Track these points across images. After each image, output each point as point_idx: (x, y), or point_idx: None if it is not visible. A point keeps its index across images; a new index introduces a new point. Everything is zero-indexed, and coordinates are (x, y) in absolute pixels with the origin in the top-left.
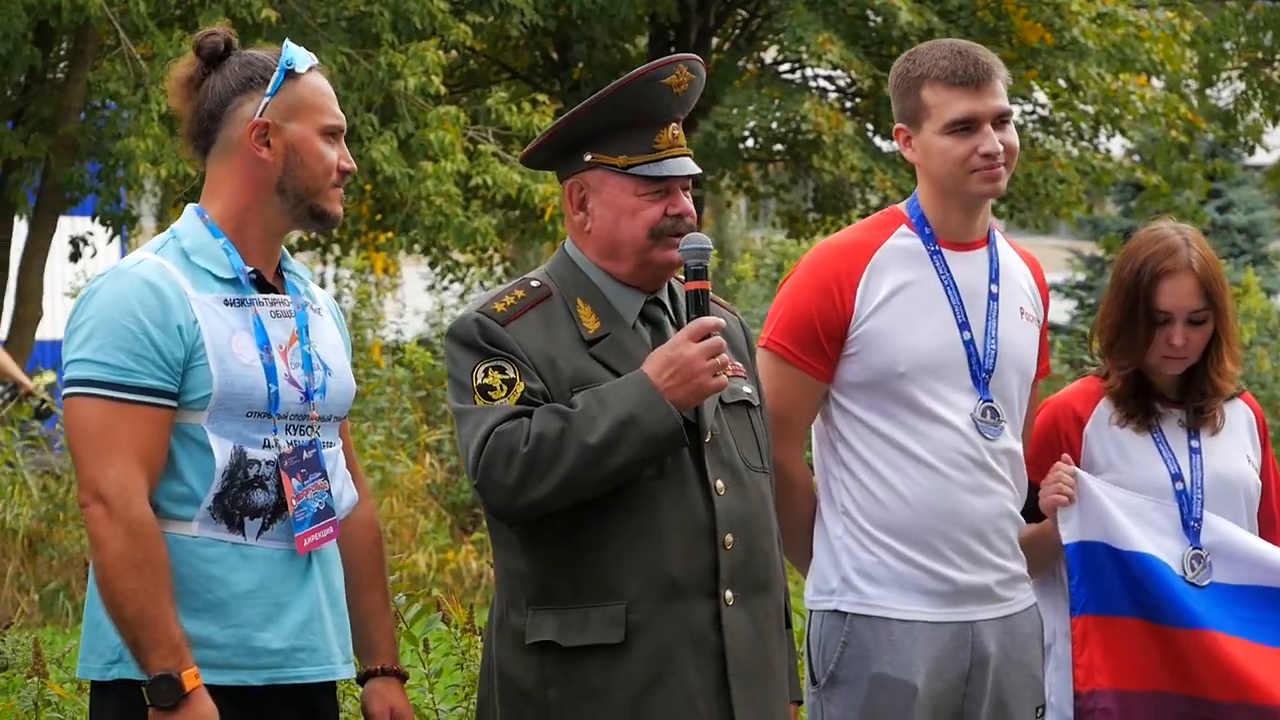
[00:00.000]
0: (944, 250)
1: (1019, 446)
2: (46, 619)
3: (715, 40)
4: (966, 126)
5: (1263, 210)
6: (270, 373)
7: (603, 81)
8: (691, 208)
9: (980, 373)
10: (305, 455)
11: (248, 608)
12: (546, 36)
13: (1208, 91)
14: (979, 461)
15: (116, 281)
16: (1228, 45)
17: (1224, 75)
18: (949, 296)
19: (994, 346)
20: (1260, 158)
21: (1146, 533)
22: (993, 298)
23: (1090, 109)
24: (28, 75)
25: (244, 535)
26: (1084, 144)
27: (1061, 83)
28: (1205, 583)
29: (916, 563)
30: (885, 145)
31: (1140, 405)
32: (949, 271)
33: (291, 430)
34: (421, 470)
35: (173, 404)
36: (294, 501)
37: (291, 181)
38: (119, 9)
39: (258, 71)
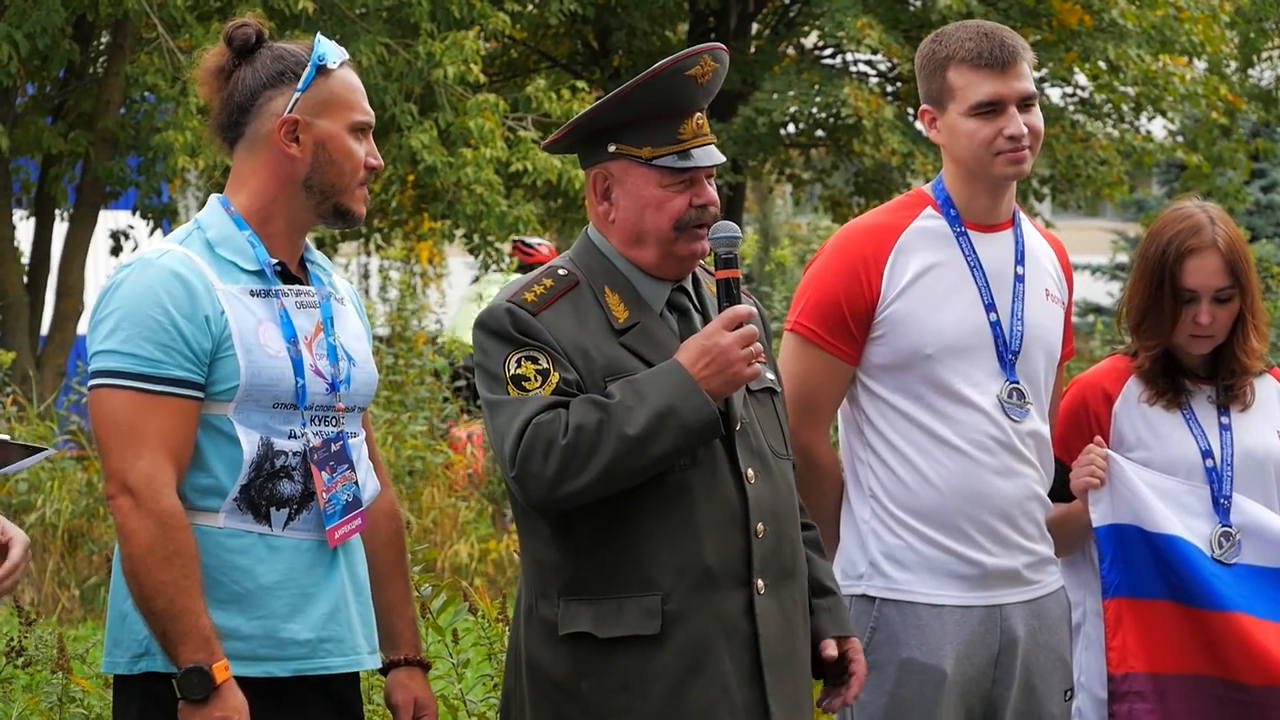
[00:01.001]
0: (970, 232)
1: (1045, 428)
2: (87, 614)
3: (755, 26)
4: (992, 108)
5: None
6: (298, 366)
7: (643, 68)
8: (715, 196)
9: (1007, 354)
10: (334, 447)
11: (275, 599)
12: (586, 24)
13: (1249, 71)
14: (1006, 444)
15: (143, 273)
16: (1267, 25)
17: (1264, 55)
18: (975, 278)
19: (1020, 328)
20: None
21: (1178, 514)
22: (1019, 279)
23: (1131, 90)
24: (66, 70)
25: (270, 526)
26: (1124, 125)
27: (1101, 64)
28: (1233, 561)
29: (944, 546)
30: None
31: (1169, 383)
32: (975, 253)
33: (318, 421)
34: (462, 460)
35: (200, 395)
36: (324, 494)
37: (319, 178)
38: (156, 3)
39: (289, 66)
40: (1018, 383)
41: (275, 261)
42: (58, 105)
